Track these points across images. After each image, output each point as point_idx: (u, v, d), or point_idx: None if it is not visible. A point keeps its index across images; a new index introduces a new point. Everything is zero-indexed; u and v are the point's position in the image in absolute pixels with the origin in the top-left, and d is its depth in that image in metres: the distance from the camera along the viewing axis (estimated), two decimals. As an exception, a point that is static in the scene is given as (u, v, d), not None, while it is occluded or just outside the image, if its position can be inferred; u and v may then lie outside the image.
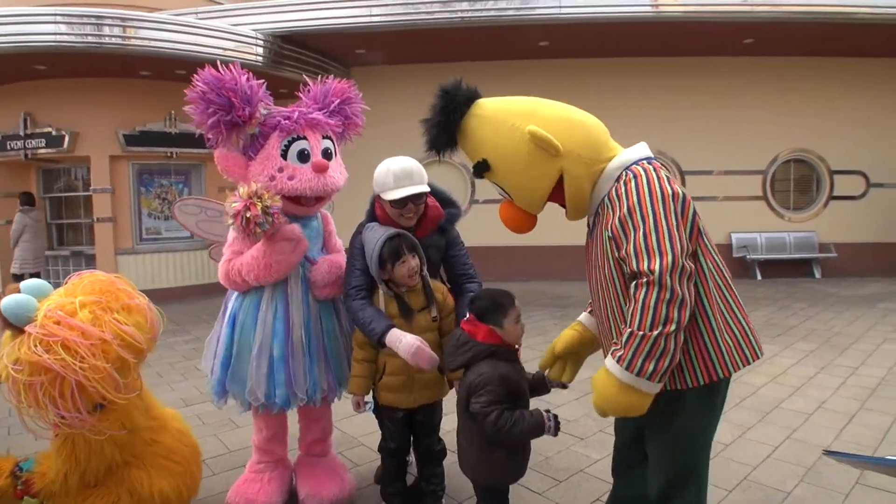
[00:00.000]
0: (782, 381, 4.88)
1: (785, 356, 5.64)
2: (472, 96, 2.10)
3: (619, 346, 1.78)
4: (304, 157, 2.61)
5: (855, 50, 10.27)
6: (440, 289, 2.69)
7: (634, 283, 1.74)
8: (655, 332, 1.68)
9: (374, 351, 2.64)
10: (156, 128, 9.72)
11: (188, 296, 9.70)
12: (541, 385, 2.35)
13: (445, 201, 2.85)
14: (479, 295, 2.33)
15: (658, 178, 1.82)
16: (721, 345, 1.85)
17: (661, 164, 1.95)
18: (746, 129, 10.89)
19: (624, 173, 1.89)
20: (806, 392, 4.59)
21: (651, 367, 1.70)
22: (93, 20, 8.00)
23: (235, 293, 2.82)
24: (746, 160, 10.99)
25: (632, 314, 1.73)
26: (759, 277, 10.83)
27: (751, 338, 1.92)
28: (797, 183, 11.31)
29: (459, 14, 8.86)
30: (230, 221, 2.43)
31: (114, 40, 8.13)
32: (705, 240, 1.89)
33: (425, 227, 2.73)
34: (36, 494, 2.27)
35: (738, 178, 11.04)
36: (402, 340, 2.41)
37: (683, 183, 10.97)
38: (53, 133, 9.45)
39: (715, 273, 1.88)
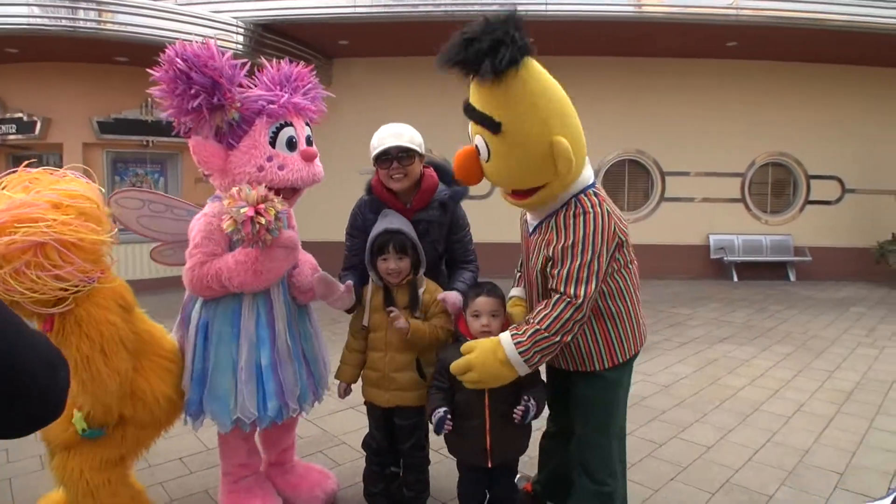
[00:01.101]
0: (761, 383, 4.92)
1: (763, 358, 5.68)
2: (527, 50, 1.93)
3: (520, 333, 2.10)
4: (292, 145, 2.44)
5: (835, 57, 10.42)
6: (430, 289, 2.60)
7: (558, 297, 2.08)
8: (556, 339, 2.07)
9: (364, 342, 2.62)
10: (131, 115, 9.50)
11: (164, 287, 9.47)
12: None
13: (451, 178, 2.71)
14: (471, 284, 2.56)
15: (603, 215, 2.09)
16: (628, 336, 2.28)
17: (603, 193, 2.21)
18: (726, 131, 11.00)
19: (574, 202, 2.13)
20: (784, 395, 4.63)
21: (537, 359, 2.10)
22: (67, 3, 7.77)
23: (200, 299, 2.54)
24: (725, 162, 11.10)
25: (544, 316, 2.07)
26: (735, 279, 10.95)
27: (643, 332, 2.37)
28: (774, 186, 11.45)
29: (443, 8, 8.80)
30: (229, 229, 2.19)
31: (89, 24, 7.91)
32: (629, 253, 2.25)
33: (421, 197, 2.63)
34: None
35: (717, 180, 11.15)
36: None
37: (663, 183, 11.06)
38: (25, 119, 9.17)
39: (634, 280, 2.29)
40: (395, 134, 2.53)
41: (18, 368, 0.80)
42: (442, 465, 3.18)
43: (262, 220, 2.16)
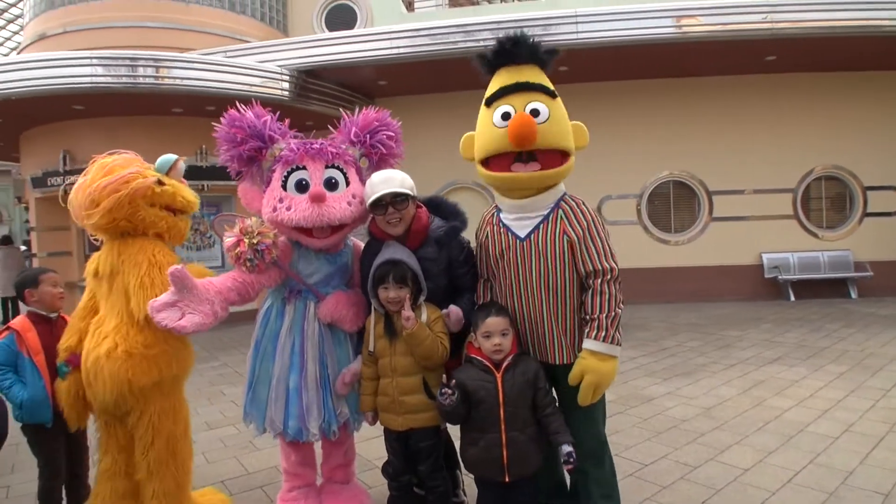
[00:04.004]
0: (809, 404, 4.75)
1: (814, 379, 5.49)
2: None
3: (597, 330, 2.45)
4: (301, 186, 2.67)
5: (882, 63, 10.11)
6: (429, 313, 2.63)
7: (599, 279, 2.49)
8: (620, 311, 2.49)
9: (376, 369, 2.70)
10: (188, 161, 9.94)
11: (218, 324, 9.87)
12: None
13: (450, 213, 2.81)
14: (469, 303, 2.73)
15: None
16: None
17: None
18: (773, 147, 10.73)
19: (569, 196, 2.62)
20: (833, 415, 4.46)
21: (620, 336, 2.49)
22: (127, 62, 8.37)
23: (261, 318, 2.88)
24: (775, 179, 10.80)
25: (601, 303, 2.47)
26: (791, 298, 10.54)
27: None
28: (830, 201, 11.06)
29: (482, 43, 8.97)
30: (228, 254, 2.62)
31: (147, 80, 8.49)
32: None
33: (414, 238, 2.68)
34: None
35: (767, 197, 10.84)
36: None
37: (711, 203, 10.86)
38: (92, 170, 9.81)
39: None
40: (385, 180, 2.61)
41: None
42: (468, 487, 3.23)
43: (237, 251, 2.58)
